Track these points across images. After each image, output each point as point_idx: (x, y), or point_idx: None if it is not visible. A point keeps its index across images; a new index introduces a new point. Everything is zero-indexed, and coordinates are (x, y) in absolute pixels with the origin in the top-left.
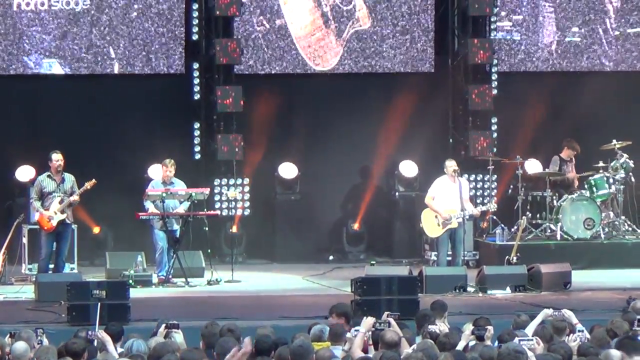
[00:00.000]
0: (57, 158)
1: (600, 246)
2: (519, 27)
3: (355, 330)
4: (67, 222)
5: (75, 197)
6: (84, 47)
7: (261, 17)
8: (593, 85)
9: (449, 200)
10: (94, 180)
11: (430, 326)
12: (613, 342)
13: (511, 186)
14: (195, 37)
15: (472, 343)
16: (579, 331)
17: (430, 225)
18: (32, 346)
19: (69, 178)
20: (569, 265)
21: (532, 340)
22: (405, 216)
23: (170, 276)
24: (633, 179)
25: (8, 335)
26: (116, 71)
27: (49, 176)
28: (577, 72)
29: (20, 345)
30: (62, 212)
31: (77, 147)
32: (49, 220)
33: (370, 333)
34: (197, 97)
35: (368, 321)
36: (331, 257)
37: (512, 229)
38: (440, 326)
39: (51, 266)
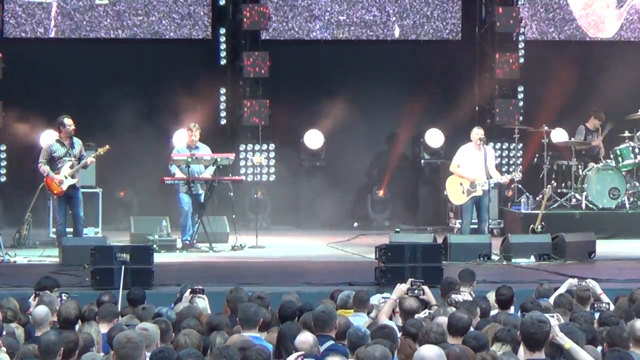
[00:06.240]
0: (69, 123)
1: (625, 216)
2: None
3: (383, 298)
4: (77, 186)
5: (91, 159)
6: (110, 12)
7: None
8: (620, 54)
9: (474, 168)
10: (107, 146)
11: (454, 295)
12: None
13: (537, 155)
14: (222, 2)
15: (494, 312)
16: (605, 303)
17: (455, 193)
18: (54, 310)
19: (78, 142)
20: (594, 234)
21: (552, 316)
22: (430, 184)
23: (195, 241)
24: None
25: (32, 295)
26: (142, 36)
27: (58, 141)
28: (604, 41)
29: (42, 310)
30: (73, 176)
31: (102, 112)
32: (59, 184)
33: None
34: (223, 62)
35: (400, 287)
36: (356, 224)
37: (537, 198)
38: (464, 295)
39: (69, 230)
